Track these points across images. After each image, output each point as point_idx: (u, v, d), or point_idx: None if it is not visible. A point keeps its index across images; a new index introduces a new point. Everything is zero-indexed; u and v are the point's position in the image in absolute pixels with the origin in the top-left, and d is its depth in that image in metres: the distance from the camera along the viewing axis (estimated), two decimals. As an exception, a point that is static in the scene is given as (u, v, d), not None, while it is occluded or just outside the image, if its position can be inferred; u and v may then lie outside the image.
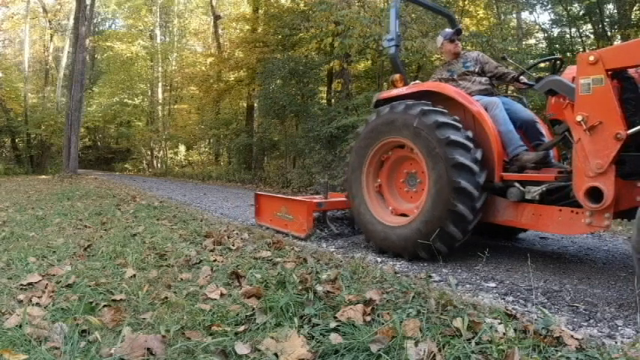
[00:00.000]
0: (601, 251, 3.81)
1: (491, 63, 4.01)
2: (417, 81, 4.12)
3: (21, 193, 9.41)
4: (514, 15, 14.06)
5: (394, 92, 3.91)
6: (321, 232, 4.38)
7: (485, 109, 3.45)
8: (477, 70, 3.96)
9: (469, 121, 3.42)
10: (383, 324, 1.80)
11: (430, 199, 3.25)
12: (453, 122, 3.28)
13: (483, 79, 3.92)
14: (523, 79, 3.83)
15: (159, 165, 25.42)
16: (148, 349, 1.60)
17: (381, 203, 3.85)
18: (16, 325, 1.80)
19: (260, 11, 16.45)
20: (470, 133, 3.29)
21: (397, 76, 4.04)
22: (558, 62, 3.67)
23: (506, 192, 3.17)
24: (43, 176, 18.28)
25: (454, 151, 3.14)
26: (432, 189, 3.24)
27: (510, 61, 4.11)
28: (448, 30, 4.17)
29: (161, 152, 25.60)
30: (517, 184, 3.12)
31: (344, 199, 4.41)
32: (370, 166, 3.84)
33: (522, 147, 3.33)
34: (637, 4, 9.42)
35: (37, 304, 2.11)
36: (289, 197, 4.97)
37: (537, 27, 14.65)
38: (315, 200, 4.51)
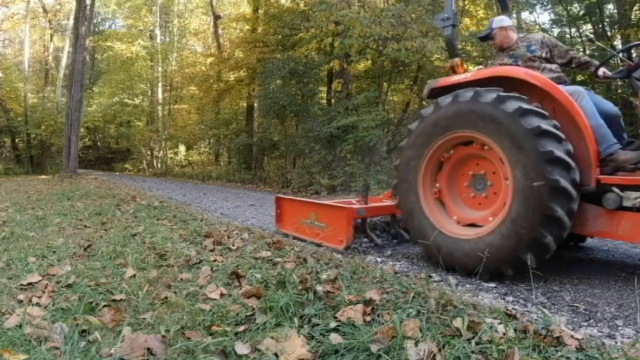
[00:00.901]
0: (601, 251, 3.80)
1: (560, 47, 3.47)
2: (481, 66, 3.62)
3: (21, 193, 9.41)
4: (514, 15, 14.06)
5: (455, 79, 3.30)
6: (361, 242, 3.85)
7: None
8: (544, 55, 3.42)
9: (550, 113, 2.87)
10: (383, 324, 1.80)
11: (515, 203, 2.70)
12: (538, 110, 2.77)
13: (554, 66, 3.38)
14: (604, 69, 3.29)
15: (159, 165, 25.40)
16: (148, 349, 1.60)
17: (442, 212, 3.27)
18: (16, 325, 1.80)
19: (260, 11, 16.45)
20: (557, 124, 2.77)
21: (457, 60, 3.50)
22: None
23: (602, 198, 2.71)
24: (43, 176, 18.27)
25: (547, 143, 2.61)
26: (518, 191, 2.69)
27: (599, 43, 3.58)
28: (503, 16, 3.71)
29: (161, 152, 25.58)
30: (616, 189, 2.66)
31: (386, 203, 3.99)
32: (427, 168, 3.26)
33: (616, 145, 2.85)
34: (637, 4, 9.42)
35: (37, 304, 2.11)
36: (321, 202, 4.39)
37: (537, 27, 14.66)
38: (354, 206, 3.93)
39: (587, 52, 13.17)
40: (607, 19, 12.27)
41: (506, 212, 2.77)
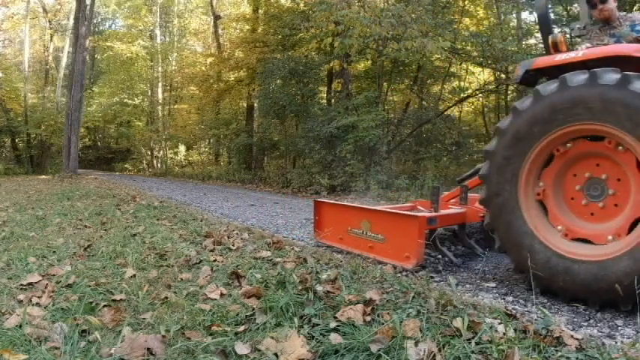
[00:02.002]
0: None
1: None
2: (587, 44, 3.04)
3: (21, 193, 9.41)
4: (514, 15, 14.05)
5: (561, 58, 2.72)
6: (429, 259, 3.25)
7: None
8: None
9: None
10: (383, 324, 1.80)
11: None
12: None
13: None
14: None
15: (159, 165, 25.41)
16: (148, 349, 1.60)
17: (543, 220, 2.67)
18: (16, 325, 1.80)
19: (260, 11, 16.45)
20: None
21: (560, 36, 2.92)
22: None
23: None
24: (43, 176, 18.27)
25: None
26: None
27: None
28: None
29: (161, 152, 25.58)
30: None
31: (456, 210, 3.47)
32: (531, 169, 2.64)
33: None
34: (637, 4, 9.42)
35: (37, 304, 2.11)
36: (377, 208, 3.74)
37: (537, 27, 14.65)
38: (424, 214, 3.27)
39: (587, 52, 13.16)
40: (607, 19, 12.25)
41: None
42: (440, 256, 3.33)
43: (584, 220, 2.58)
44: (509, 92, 14.90)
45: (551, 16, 13.65)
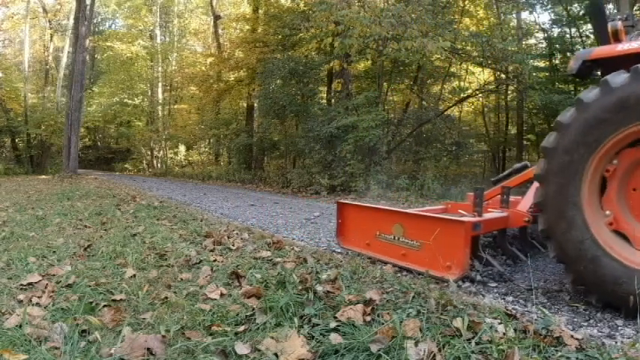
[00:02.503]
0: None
1: None
2: None
3: (21, 193, 9.41)
4: (514, 15, 14.06)
5: (624, 48, 2.46)
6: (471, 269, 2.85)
7: None
8: None
9: None
10: (383, 324, 1.80)
11: None
12: None
13: None
14: None
15: (159, 165, 25.41)
16: (148, 349, 1.61)
17: (607, 228, 2.35)
18: (16, 325, 1.80)
19: (260, 11, 16.45)
20: None
21: (620, 23, 2.69)
22: None
23: None
24: (43, 176, 18.27)
25: None
26: None
27: None
28: None
29: (161, 152, 25.59)
30: None
31: (499, 214, 3.17)
32: (597, 169, 2.37)
33: None
34: (637, 4, 9.42)
35: (37, 304, 2.11)
36: (410, 211, 3.33)
37: (537, 27, 14.66)
38: (470, 219, 2.89)
39: (587, 52, 13.15)
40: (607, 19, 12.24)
41: None
42: (475, 264, 2.93)
43: None
44: (509, 92, 14.91)
45: (551, 16, 13.68)
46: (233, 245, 3.56)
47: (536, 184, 2.83)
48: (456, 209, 3.79)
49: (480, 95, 14.48)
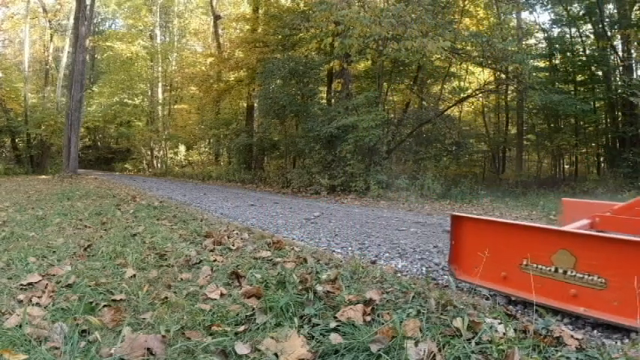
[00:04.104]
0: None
1: None
2: None
3: (21, 193, 9.41)
4: (514, 15, 14.06)
5: None
6: None
7: None
8: None
9: None
10: (383, 324, 1.80)
11: None
12: None
13: None
14: None
15: (159, 165, 25.42)
16: (148, 349, 1.60)
17: None
18: (16, 325, 1.80)
19: (260, 11, 16.46)
20: None
21: None
22: None
23: None
24: (43, 176, 18.27)
25: None
26: None
27: None
28: None
29: (161, 152, 25.60)
30: None
31: None
32: None
33: None
34: (637, 4, 9.42)
35: (37, 304, 2.10)
36: (588, 232, 2.31)
37: (537, 27, 14.66)
38: None
39: (588, 51, 13.18)
40: (607, 19, 12.26)
41: None
42: None
43: None
44: (509, 92, 14.92)
45: (551, 16, 13.67)
46: (233, 245, 3.56)
47: None
48: (609, 224, 2.78)
49: (480, 95, 14.49)
